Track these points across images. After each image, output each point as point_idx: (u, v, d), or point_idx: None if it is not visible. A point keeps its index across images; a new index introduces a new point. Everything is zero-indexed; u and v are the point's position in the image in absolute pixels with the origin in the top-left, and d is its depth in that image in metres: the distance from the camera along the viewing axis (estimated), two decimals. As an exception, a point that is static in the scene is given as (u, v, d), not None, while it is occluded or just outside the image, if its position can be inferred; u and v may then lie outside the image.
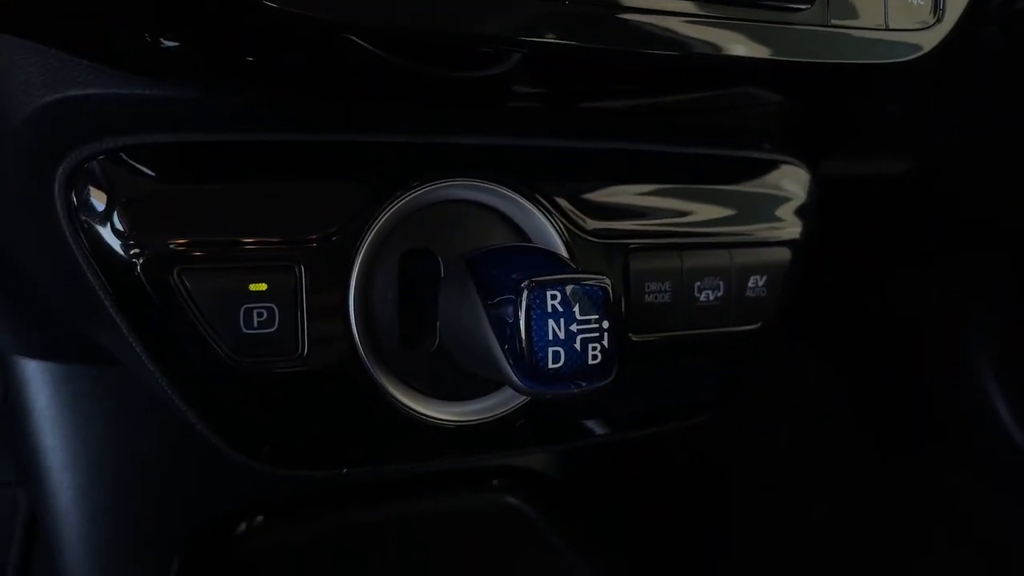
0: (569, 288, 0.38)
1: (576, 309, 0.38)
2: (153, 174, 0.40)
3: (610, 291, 0.39)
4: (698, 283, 0.49)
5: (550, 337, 0.37)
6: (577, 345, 0.38)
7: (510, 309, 0.37)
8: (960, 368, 1.33)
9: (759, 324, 0.52)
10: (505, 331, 0.37)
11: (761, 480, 1.35)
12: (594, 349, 0.38)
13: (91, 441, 0.66)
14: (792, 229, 0.53)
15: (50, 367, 0.67)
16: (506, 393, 0.46)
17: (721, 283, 0.49)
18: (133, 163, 0.40)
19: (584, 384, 0.38)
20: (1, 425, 1.15)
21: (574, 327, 0.37)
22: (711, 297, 0.50)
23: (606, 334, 0.38)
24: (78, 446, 0.66)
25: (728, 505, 1.30)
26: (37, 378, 0.66)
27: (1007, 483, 1.36)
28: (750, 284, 0.51)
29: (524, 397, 0.46)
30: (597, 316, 0.38)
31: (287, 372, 0.41)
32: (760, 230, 0.51)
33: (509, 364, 0.37)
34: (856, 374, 1.47)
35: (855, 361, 1.46)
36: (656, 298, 0.48)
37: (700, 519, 1.22)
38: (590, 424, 0.50)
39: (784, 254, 0.52)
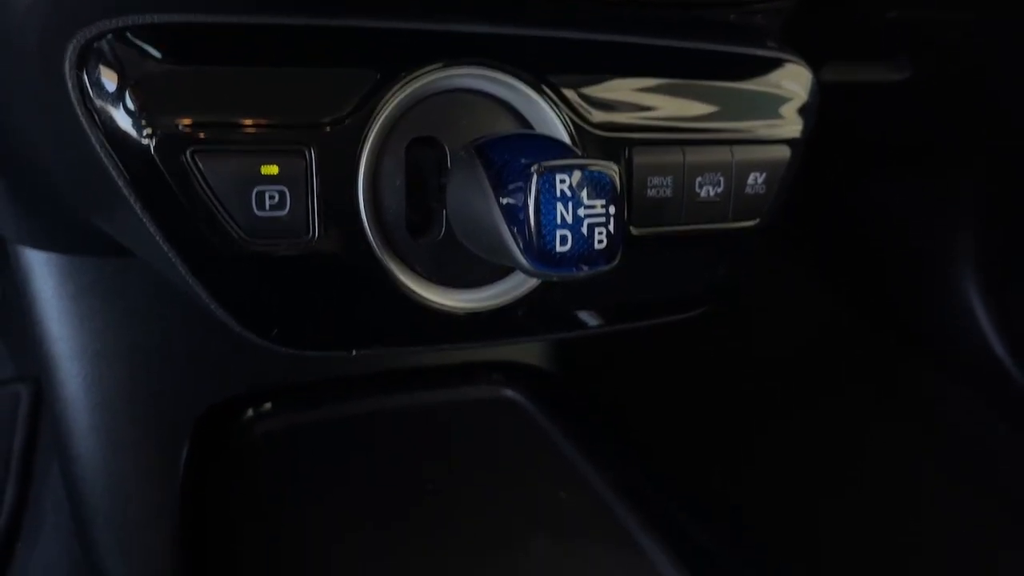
0: (578, 173, 0.38)
1: (584, 194, 0.38)
2: (164, 54, 0.40)
3: (617, 178, 0.40)
4: (699, 178, 0.50)
5: (558, 221, 0.38)
6: (584, 229, 0.39)
7: (520, 193, 0.38)
8: (944, 280, 1.36)
9: (756, 221, 0.53)
10: (515, 214, 0.38)
11: (748, 386, 1.39)
12: (600, 234, 0.39)
13: (96, 332, 0.68)
14: (793, 128, 0.53)
15: (54, 258, 0.67)
16: (509, 282, 0.48)
17: (722, 179, 0.50)
18: (143, 43, 0.40)
19: (588, 268, 0.39)
20: (1, 322, 1.16)
21: (581, 211, 0.39)
22: (711, 193, 0.50)
23: (612, 219, 0.39)
24: (84, 336, 0.68)
25: (718, 409, 1.34)
26: (42, 269, 0.67)
27: (987, 392, 1.40)
28: (749, 181, 0.52)
29: (525, 287, 0.48)
30: (604, 202, 0.39)
31: (298, 255, 0.42)
32: (761, 127, 0.52)
33: (518, 247, 0.39)
34: (840, 281, 1.50)
35: (839, 268, 1.49)
36: (658, 192, 0.49)
37: (689, 418, 1.26)
38: (589, 314, 0.52)
39: (783, 152, 0.53)
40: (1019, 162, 1.20)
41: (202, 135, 0.40)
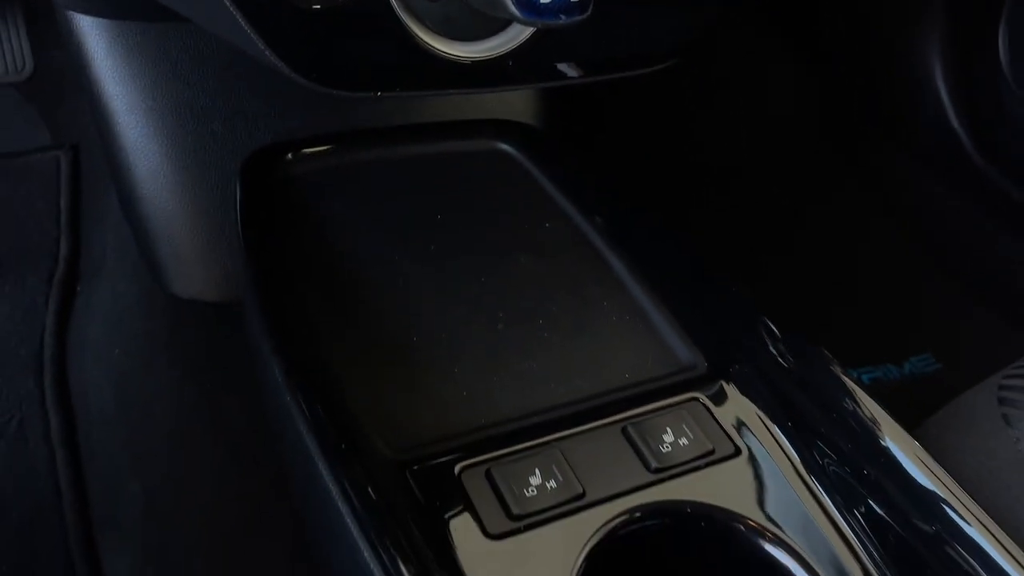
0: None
1: (563, -44, 0.48)
2: None
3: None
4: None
5: (542, -21, 0.48)
6: (562, -15, 0.49)
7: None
8: (913, 64, 1.44)
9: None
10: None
11: (723, 151, 1.51)
12: (575, -11, 0.49)
13: (146, 89, 0.78)
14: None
15: (103, 22, 0.77)
16: (503, 37, 0.58)
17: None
18: None
19: (565, 17, 0.50)
20: (34, 92, 1.25)
21: (561, -29, 0.49)
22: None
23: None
24: (136, 93, 0.78)
25: (695, 167, 1.47)
26: (94, 32, 0.76)
27: (948, 175, 1.52)
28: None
29: (517, 40, 0.58)
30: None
31: (334, 10, 0.53)
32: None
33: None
34: (810, 64, 1.58)
35: (810, 49, 1.56)
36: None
37: (666, 175, 1.40)
38: (570, 66, 0.63)
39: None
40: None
41: None
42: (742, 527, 0.51)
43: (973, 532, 0.51)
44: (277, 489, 0.82)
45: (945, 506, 0.53)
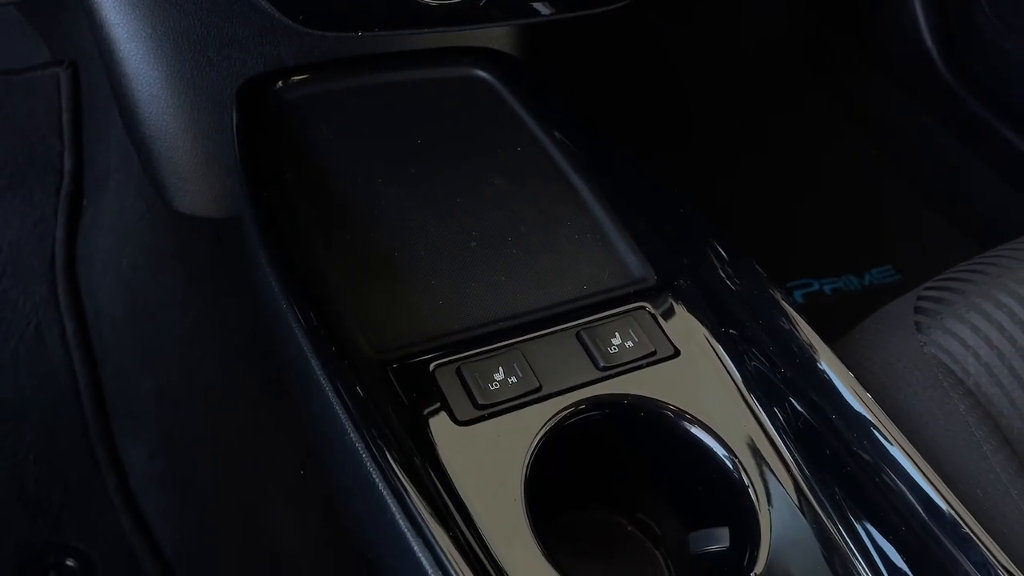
0: None
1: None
2: None
3: None
4: None
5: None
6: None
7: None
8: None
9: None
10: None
11: (707, 75, 1.56)
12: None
13: (145, 17, 0.83)
14: None
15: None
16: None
17: None
18: None
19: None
20: (32, 10, 1.29)
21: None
22: None
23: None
24: (136, 21, 0.83)
25: (674, 96, 1.52)
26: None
27: (918, 93, 1.58)
28: None
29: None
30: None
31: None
32: None
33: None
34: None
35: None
36: None
37: (640, 104, 1.45)
38: (541, 4, 0.68)
39: None
40: None
41: None
42: (671, 414, 0.60)
43: (868, 415, 0.60)
44: (278, 385, 0.91)
45: (849, 400, 0.62)
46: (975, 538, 0.54)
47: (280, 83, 0.79)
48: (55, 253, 1.15)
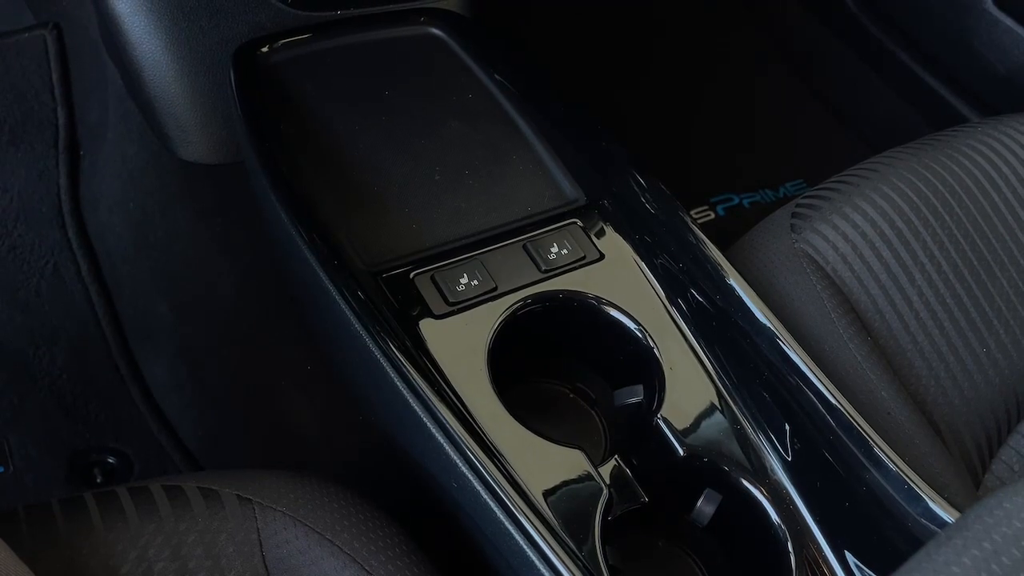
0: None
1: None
2: None
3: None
4: None
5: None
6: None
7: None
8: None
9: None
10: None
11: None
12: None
13: None
14: None
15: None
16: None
17: None
18: None
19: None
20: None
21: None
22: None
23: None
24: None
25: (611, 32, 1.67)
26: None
27: (833, 28, 1.75)
28: None
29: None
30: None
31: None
32: None
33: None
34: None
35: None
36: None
37: (582, 47, 1.61)
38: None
39: None
40: None
41: None
42: (595, 303, 0.79)
43: (745, 297, 0.79)
44: (284, 302, 1.08)
45: (732, 285, 0.81)
46: (818, 383, 0.75)
47: (267, 47, 0.94)
48: (61, 200, 1.29)
